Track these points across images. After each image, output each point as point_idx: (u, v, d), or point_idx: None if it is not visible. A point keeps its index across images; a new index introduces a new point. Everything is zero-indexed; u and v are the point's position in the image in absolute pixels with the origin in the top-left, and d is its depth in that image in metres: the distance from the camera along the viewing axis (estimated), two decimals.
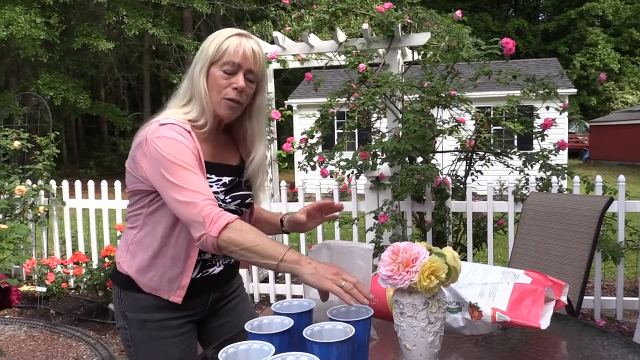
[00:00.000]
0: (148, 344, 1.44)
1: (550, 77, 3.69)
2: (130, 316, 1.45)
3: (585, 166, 19.64)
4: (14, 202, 4.58)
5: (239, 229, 1.21)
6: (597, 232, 2.30)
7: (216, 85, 1.36)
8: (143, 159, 1.32)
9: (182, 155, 1.28)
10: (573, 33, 27.88)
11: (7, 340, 3.74)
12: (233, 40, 1.35)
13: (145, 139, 1.31)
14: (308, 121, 4.30)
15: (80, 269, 4.43)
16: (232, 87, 1.35)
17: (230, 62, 1.34)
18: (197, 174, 1.28)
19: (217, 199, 1.39)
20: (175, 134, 1.31)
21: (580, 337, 1.38)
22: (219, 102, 1.37)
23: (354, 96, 3.86)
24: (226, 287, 1.57)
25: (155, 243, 1.39)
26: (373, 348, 1.29)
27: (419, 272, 1.06)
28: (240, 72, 1.36)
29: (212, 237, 1.20)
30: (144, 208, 1.40)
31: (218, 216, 1.21)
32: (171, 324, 1.44)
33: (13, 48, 15.19)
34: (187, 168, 1.27)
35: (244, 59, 1.35)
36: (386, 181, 3.70)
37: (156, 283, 1.41)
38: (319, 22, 4.02)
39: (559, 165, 3.61)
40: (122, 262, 1.46)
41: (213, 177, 1.40)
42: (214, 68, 1.36)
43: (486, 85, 5.89)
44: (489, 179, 3.79)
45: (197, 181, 1.27)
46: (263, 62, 1.40)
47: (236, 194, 1.46)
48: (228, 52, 1.34)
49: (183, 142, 1.30)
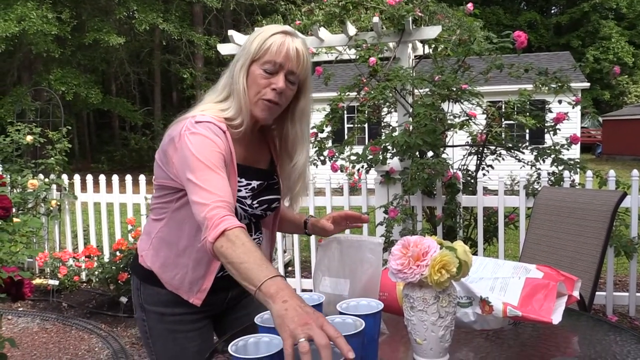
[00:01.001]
0: (166, 336, 1.45)
1: (563, 71, 3.65)
2: (149, 309, 1.45)
3: (597, 161, 19.47)
4: (26, 196, 4.63)
5: (233, 240, 1.09)
6: (610, 227, 2.28)
7: (255, 84, 1.30)
8: (174, 154, 1.28)
9: (210, 154, 1.22)
10: (586, 26, 27.54)
11: (20, 332, 3.79)
12: (277, 39, 1.29)
13: (179, 134, 1.27)
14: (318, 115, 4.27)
15: (92, 263, 4.47)
16: (271, 87, 1.29)
17: (271, 62, 1.28)
18: (219, 174, 1.21)
19: (244, 203, 1.36)
20: (210, 132, 1.26)
21: (592, 332, 1.37)
22: (256, 102, 1.31)
23: (364, 90, 3.85)
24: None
25: (179, 241, 1.37)
26: (383, 342, 1.29)
27: (430, 266, 1.06)
28: (282, 73, 1.29)
29: (209, 243, 1.12)
30: (171, 203, 1.37)
31: (220, 220, 1.12)
32: (189, 318, 1.44)
33: (25, 44, 15.33)
34: (210, 167, 1.21)
35: (287, 59, 1.29)
36: (396, 175, 3.69)
37: (177, 282, 1.40)
38: (329, 16, 4.01)
39: (571, 159, 3.57)
40: (144, 255, 1.44)
41: (243, 181, 1.36)
42: (254, 66, 1.30)
43: (497, 79, 5.85)
44: (500, 173, 3.77)
45: (217, 182, 1.20)
46: (307, 63, 1.34)
47: (263, 199, 1.42)
48: (270, 51, 1.28)
49: (214, 141, 1.25)
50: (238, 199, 1.35)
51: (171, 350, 1.45)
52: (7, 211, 1.82)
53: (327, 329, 0.89)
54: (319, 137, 3.99)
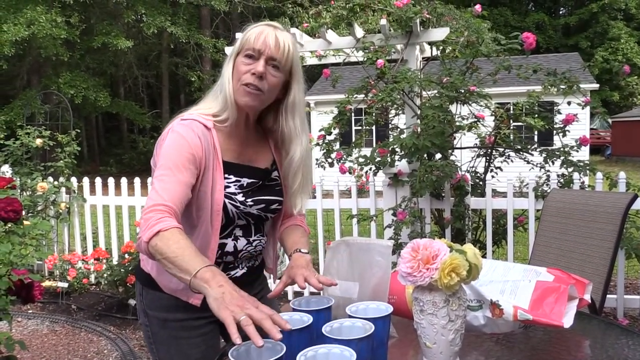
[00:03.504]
0: (169, 342, 1.44)
1: (571, 71, 3.63)
2: (152, 314, 1.45)
3: (607, 162, 19.32)
4: (36, 199, 4.66)
5: (167, 237, 1.14)
6: (621, 230, 2.26)
7: (237, 72, 1.34)
8: (158, 149, 1.33)
9: (177, 154, 1.27)
10: (595, 27, 27.36)
11: (30, 334, 3.81)
12: (256, 29, 1.34)
13: (165, 133, 1.33)
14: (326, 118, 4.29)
15: (101, 265, 4.49)
16: (251, 72, 1.32)
17: (250, 49, 1.32)
18: (176, 175, 1.25)
19: (234, 200, 1.37)
20: (188, 130, 1.30)
21: (604, 336, 1.35)
22: (238, 89, 1.34)
23: (372, 92, 3.84)
24: (249, 288, 1.54)
25: None
26: (393, 345, 1.28)
27: (440, 269, 1.05)
28: (261, 59, 1.32)
29: (144, 242, 1.16)
30: None
31: (155, 222, 1.16)
32: (192, 324, 1.43)
33: (35, 47, 15.45)
34: (171, 168, 1.25)
35: (264, 45, 1.32)
36: (404, 178, 3.68)
37: (175, 285, 1.39)
38: (337, 19, 4.00)
39: (580, 161, 3.55)
40: (143, 259, 1.46)
41: (231, 178, 1.37)
42: (238, 58, 1.34)
43: (506, 80, 5.82)
44: (508, 175, 3.75)
45: (170, 184, 1.23)
46: (290, 52, 1.35)
47: (259, 198, 1.42)
48: (249, 40, 1.33)
49: (187, 139, 1.28)
50: (226, 194, 1.36)
51: (174, 356, 1.44)
52: (18, 214, 1.83)
53: (262, 308, 0.99)
54: (326, 139, 3.99)
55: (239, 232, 1.43)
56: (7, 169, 4.86)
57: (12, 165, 4.93)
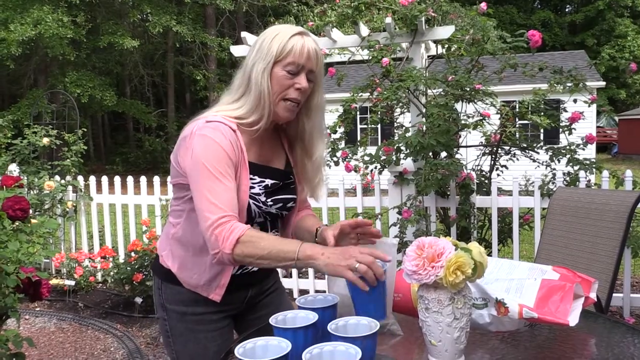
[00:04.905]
0: (187, 336, 1.46)
1: (578, 69, 3.61)
2: (170, 308, 1.47)
3: (613, 160, 19.22)
4: (43, 198, 4.68)
5: (250, 240, 1.21)
6: (627, 228, 2.25)
7: (278, 85, 1.33)
8: (185, 153, 1.32)
9: (216, 161, 1.28)
10: (601, 24, 27.20)
11: (37, 332, 3.84)
12: (297, 40, 1.33)
13: (190, 134, 1.32)
14: (331, 116, 4.29)
15: (108, 263, 4.52)
16: (295, 87, 1.33)
17: (294, 63, 1.32)
18: (224, 183, 1.27)
19: (258, 200, 1.39)
20: (218, 134, 1.30)
21: (610, 334, 1.35)
22: (279, 102, 1.34)
23: (377, 91, 3.84)
24: (264, 282, 1.58)
25: (195, 242, 1.39)
26: (398, 343, 1.29)
27: (445, 267, 1.05)
28: (303, 73, 1.34)
29: (227, 254, 1.22)
30: (186, 204, 1.40)
31: (229, 232, 1.22)
32: (210, 318, 1.46)
33: (41, 47, 15.53)
34: (216, 176, 1.26)
35: (308, 59, 1.33)
36: (410, 176, 3.68)
37: (196, 281, 1.42)
38: (342, 17, 4.00)
39: (586, 159, 3.53)
40: (164, 255, 1.48)
41: (256, 179, 1.39)
42: (277, 67, 1.33)
43: (511, 78, 5.80)
44: (514, 173, 3.74)
45: (221, 193, 1.26)
46: (322, 60, 1.39)
47: (278, 197, 1.45)
48: (293, 53, 1.32)
49: (222, 145, 1.29)
50: (251, 195, 1.38)
51: (191, 349, 1.47)
52: (25, 212, 1.85)
53: (364, 250, 1.14)
54: (332, 138, 3.99)
55: (257, 228, 1.44)
56: (14, 167, 4.89)
57: (20, 164, 4.97)
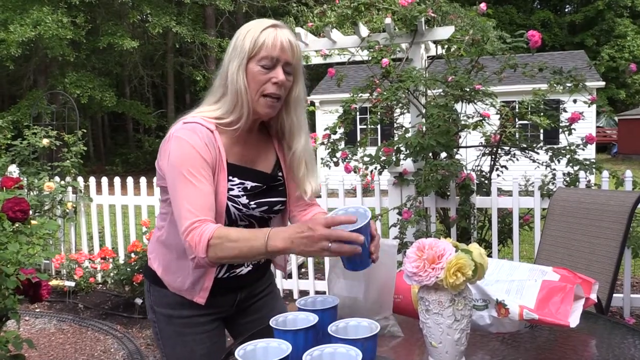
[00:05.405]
0: (175, 338, 1.46)
1: (577, 70, 3.61)
2: (158, 310, 1.47)
3: (613, 161, 19.22)
4: (43, 199, 4.68)
5: (219, 242, 1.19)
6: (627, 229, 2.25)
7: (254, 81, 1.30)
8: (163, 156, 1.32)
9: (190, 164, 1.26)
10: (600, 24, 27.20)
11: (37, 333, 3.84)
12: (269, 33, 1.29)
13: (169, 137, 1.32)
14: (331, 117, 4.29)
15: (107, 264, 4.51)
16: (272, 81, 1.30)
17: (268, 57, 1.29)
18: (198, 186, 1.25)
19: (237, 202, 1.36)
20: (193, 136, 1.28)
21: (610, 336, 1.35)
22: (258, 100, 1.32)
23: (377, 91, 3.84)
24: (255, 286, 1.55)
25: (178, 245, 1.37)
26: (399, 345, 1.29)
27: (445, 268, 1.05)
28: (279, 66, 1.30)
29: (202, 258, 1.20)
30: (170, 206, 1.36)
31: (199, 237, 1.20)
32: (197, 320, 1.45)
33: (41, 48, 15.52)
34: (190, 180, 1.25)
35: (282, 51, 1.29)
36: (410, 177, 3.67)
37: (179, 284, 1.41)
38: (342, 18, 4.00)
39: (586, 159, 3.53)
40: (152, 258, 1.48)
41: (235, 180, 1.36)
42: (251, 63, 1.30)
43: (511, 79, 5.80)
44: (514, 174, 3.73)
45: (196, 196, 1.25)
46: (299, 52, 1.35)
47: (263, 200, 1.42)
48: (266, 46, 1.28)
49: (196, 147, 1.27)
50: (230, 197, 1.35)
51: (179, 352, 1.46)
52: (25, 214, 1.85)
53: (330, 223, 1.10)
54: (331, 138, 3.99)
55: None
56: (14, 168, 4.89)
57: (20, 165, 4.97)
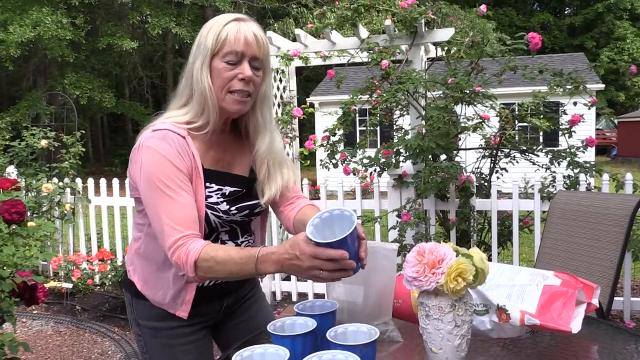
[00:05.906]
0: (162, 351, 1.41)
1: (577, 72, 3.61)
2: (143, 324, 1.42)
3: (613, 163, 19.22)
4: (41, 200, 4.67)
5: (207, 265, 1.16)
6: (628, 232, 2.24)
7: (220, 78, 1.23)
8: (135, 167, 1.26)
9: (164, 175, 1.20)
10: (600, 27, 27.23)
11: (34, 335, 3.81)
12: (232, 27, 1.23)
13: (138, 146, 1.25)
14: (330, 119, 4.29)
15: (105, 266, 4.50)
16: (239, 77, 1.23)
17: (232, 52, 1.22)
18: (176, 198, 1.20)
19: (217, 210, 1.31)
20: (164, 144, 1.21)
21: (612, 341, 1.34)
22: (225, 98, 1.25)
23: (377, 93, 3.83)
24: (240, 290, 1.52)
25: (157, 257, 1.33)
26: (398, 350, 1.27)
27: (446, 273, 1.04)
28: (245, 61, 1.23)
29: (192, 277, 1.19)
30: (145, 217, 1.30)
31: (186, 257, 1.16)
32: (184, 331, 1.41)
33: (40, 48, 15.51)
34: (166, 192, 1.19)
35: (247, 45, 1.22)
36: (409, 179, 3.66)
37: (160, 298, 1.37)
38: (341, 19, 3.99)
39: (586, 162, 3.52)
40: (131, 270, 1.43)
41: (213, 187, 1.30)
42: (215, 60, 1.23)
43: (511, 81, 5.79)
44: (514, 176, 3.72)
45: (175, 209, 1.19)
46: (267, 45, 1.28)
47: (243, 205, 1.36)
48: (229, 41, 1.22)
49: (168, 157, 1.21)
50: (209, 205, 1.29)
51: None
52: (22, 216, 1.83)
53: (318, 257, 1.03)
54: (331, 140, 3.97)
55: (225, 236, 1.38)
56: (12, 169, 4.87)
57: (18, 166, 4.95)
